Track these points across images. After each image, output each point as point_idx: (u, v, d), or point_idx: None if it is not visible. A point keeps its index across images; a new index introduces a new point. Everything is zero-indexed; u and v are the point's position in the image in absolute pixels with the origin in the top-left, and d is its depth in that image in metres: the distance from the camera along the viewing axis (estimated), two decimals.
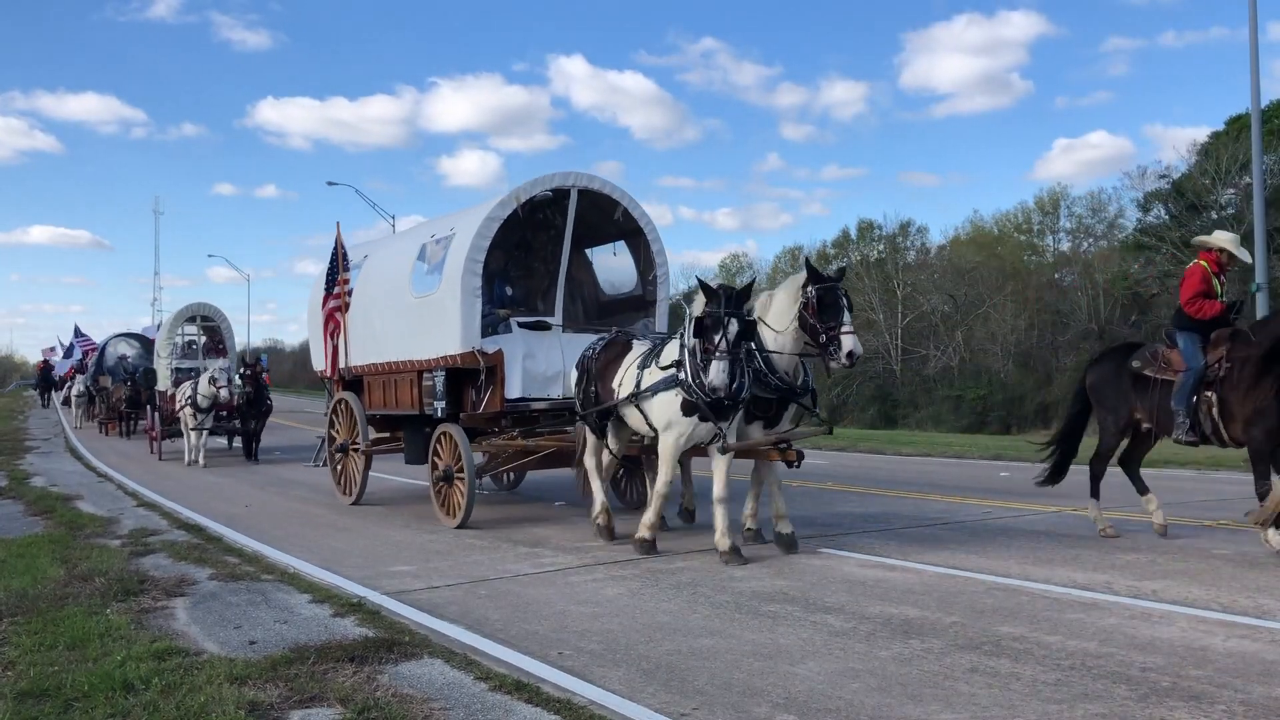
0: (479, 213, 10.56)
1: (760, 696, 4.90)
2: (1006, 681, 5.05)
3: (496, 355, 10.34)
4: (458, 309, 10.25)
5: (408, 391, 11.49)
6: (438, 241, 11.08)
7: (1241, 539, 8.96)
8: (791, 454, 8.86)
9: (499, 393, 10.34)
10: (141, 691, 5.03)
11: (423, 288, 11.12)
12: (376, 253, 13.36)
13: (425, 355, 10.93)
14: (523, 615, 6.66)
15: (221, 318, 24.79)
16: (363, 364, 12.52)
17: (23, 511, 12.39)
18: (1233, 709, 4.60)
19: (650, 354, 8.87)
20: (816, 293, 8.35)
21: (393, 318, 11.77)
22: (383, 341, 11.97)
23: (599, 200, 11.21)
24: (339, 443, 13.05)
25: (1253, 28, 18.34)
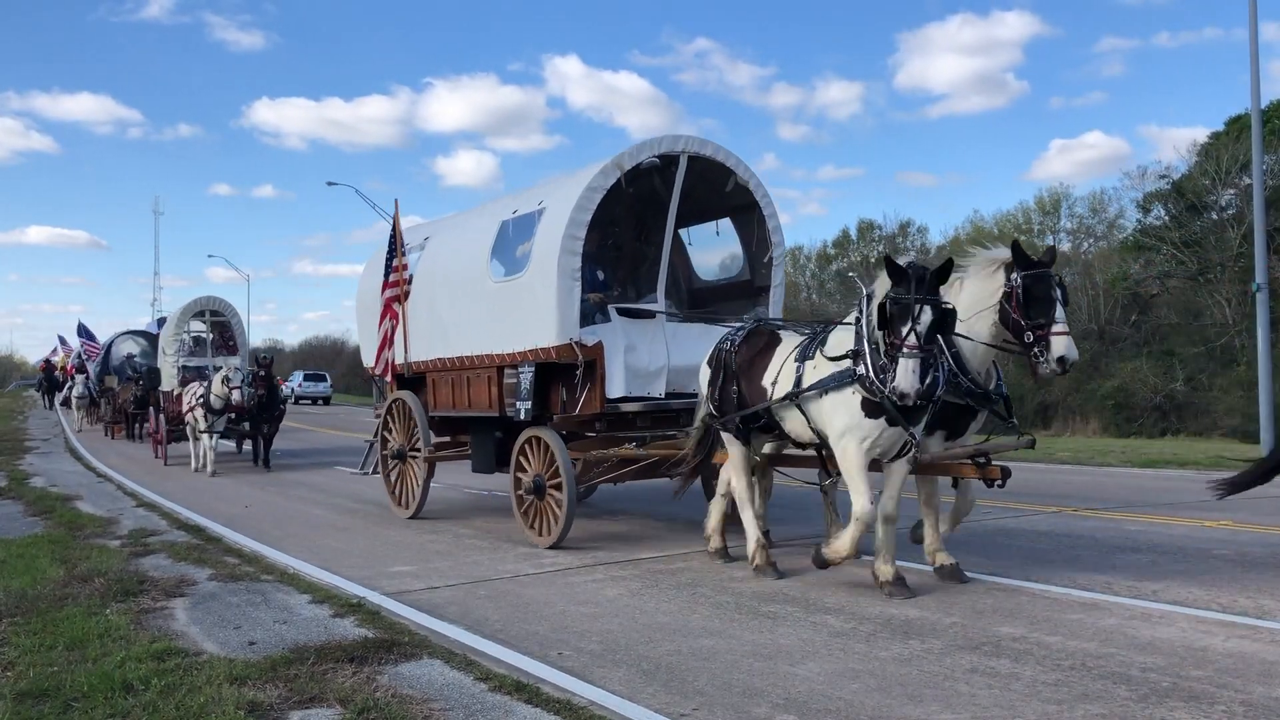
0: (574, 183, 9.24)
1: (760, 697, 4.90)
2: (1007, 682, 5.05)
3: (596, 348, 9.01)
4: (552, 295, 8.90)
5: (483, 390, 10.16)
6: (522, 218, 9.79)
7: (1242, 539, 8.96)
8: (996, 470, 7.12)
9: (598, 391, 9.01)
10: (141, 692, 5.03)
11: (505, 271, 9.82)
12: (441, 234, 11.70)
13: (509, 348, 9.61)
14: (523, 615, 6.66)
15: (232, 312, 22.85)
16: (426, 359, 11.16)
17: (22, 512, 12.39)
18: (1233, 709, 4.59)
19: (812, 344, 7.43)
20: (1023, 281, 6.86)
21: (466, 306, 10.40)
22: (452, 333, 10.65)
23: (709, 169, 9.85)
24: (394, 448, 11.77)
25: (1253, 28, 18.34)
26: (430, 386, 11.22)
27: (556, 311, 8.91)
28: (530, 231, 9.44)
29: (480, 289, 10.08)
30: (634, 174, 9.35)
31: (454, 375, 10.69)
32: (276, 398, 18.43)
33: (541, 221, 9.27)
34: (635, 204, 10.63)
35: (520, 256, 9.56)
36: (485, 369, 10.07)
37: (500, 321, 9.72)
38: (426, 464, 11.20)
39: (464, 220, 11.59)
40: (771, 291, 10.35)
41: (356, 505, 12.74)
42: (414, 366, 11.38)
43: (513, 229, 9.87)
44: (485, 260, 10.06)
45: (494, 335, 9.84)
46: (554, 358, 9.04)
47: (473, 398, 10.37)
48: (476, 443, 10.73)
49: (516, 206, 10.03)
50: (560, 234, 8.87)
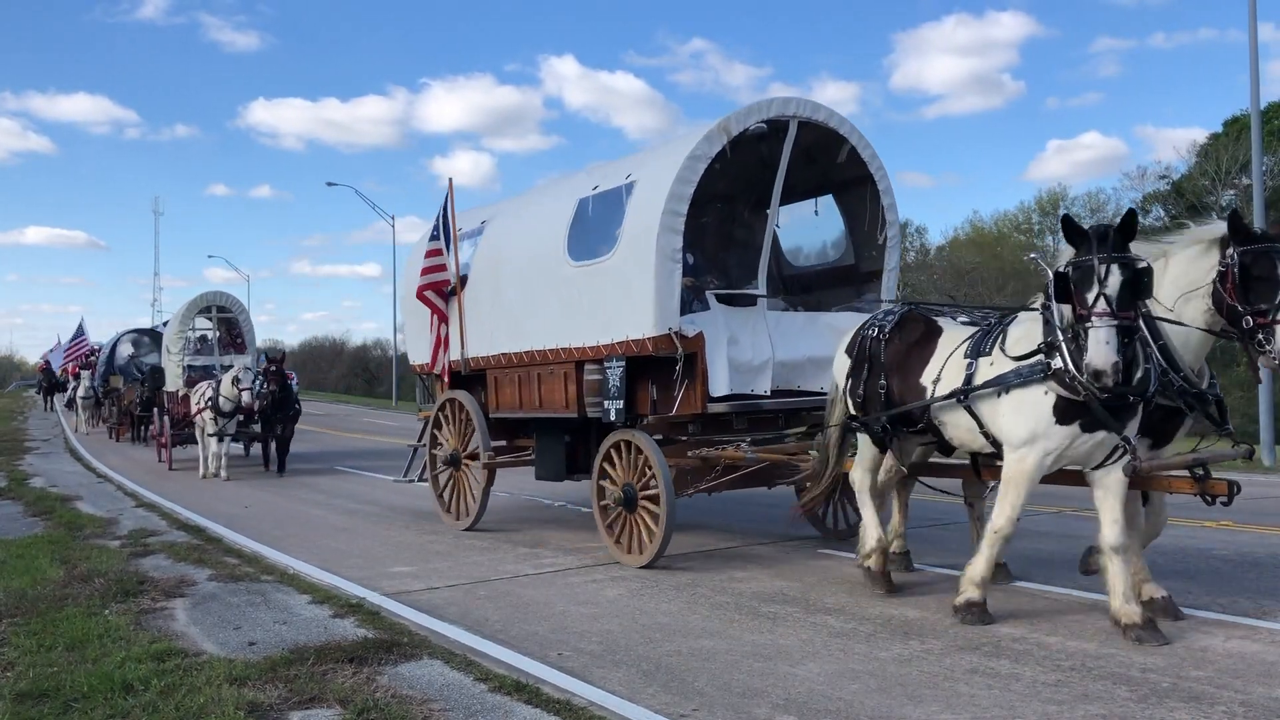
0: (673, 152, 8.29)
1: (760, 697, 4.90)
2: (1007, 682, 5.05)
3: (697, 339, 8.00)
4: (649, 279, 7.89)
5: (557, 388, 9.14)
6: (605, 194, 8.77)
7: (1241, 540, 8.96)
8: (1221, 485, 5.85)
9: (699, 389, 7.99)
10: (141, 692, 5.03)
11: (586, 254, 8.77)
12: (502, 217, 10.63)
13: (591, 340, 8.62)
14: (522, 616, 6.66)
15: (240, 308, 21.42)
16: (488, 355, 10.16)
17: (22, 512, 12.38)
18: (1233, 710, 4.59)
19: (987, 338, 6.38)
20: (1241, 259, 5.67)
21: (538, 295, 9.38)
22: (519, 325, 9.63)
23: (820, 137, 8.87)
24: (446, 453, 10.75)
25: (1252, 28, 18.36)
26: (491, 385, 10.21)
27: (654, 298, 7.90)
28: (618, 209, 8.43)
29: (555, 275, 9.06)
30: (736, 142, 8.33)
31: (521, 372, 9.66)
32: (290, 396, 17.23)
33: (633, 196, 8.29)
34: (728, 178, 9.53)
35: (606, 237, 8.53)
36: (560, 364, 9.05)
37: (580, 311, 8.74)
38: (486, 471, 10.07)
39: (529, 201, 10.53)
40: (885, 276, 9.30)
41: (356, 506, 12.74)
42: (472, 363, 10.43)
43: (593, 207, 8.85)
44: (561, 242, 9.02)
45: (572, 326, 8.84)
46: (649, 351, 8.05)
47: (544, 397, 9.35)
48: (543, 447, 9.75)
49: (596, 182, 8.99)
50: (659, 209, 7.87)
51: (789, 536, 9.56)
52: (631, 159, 9.11)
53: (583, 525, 10.61)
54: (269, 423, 17.09)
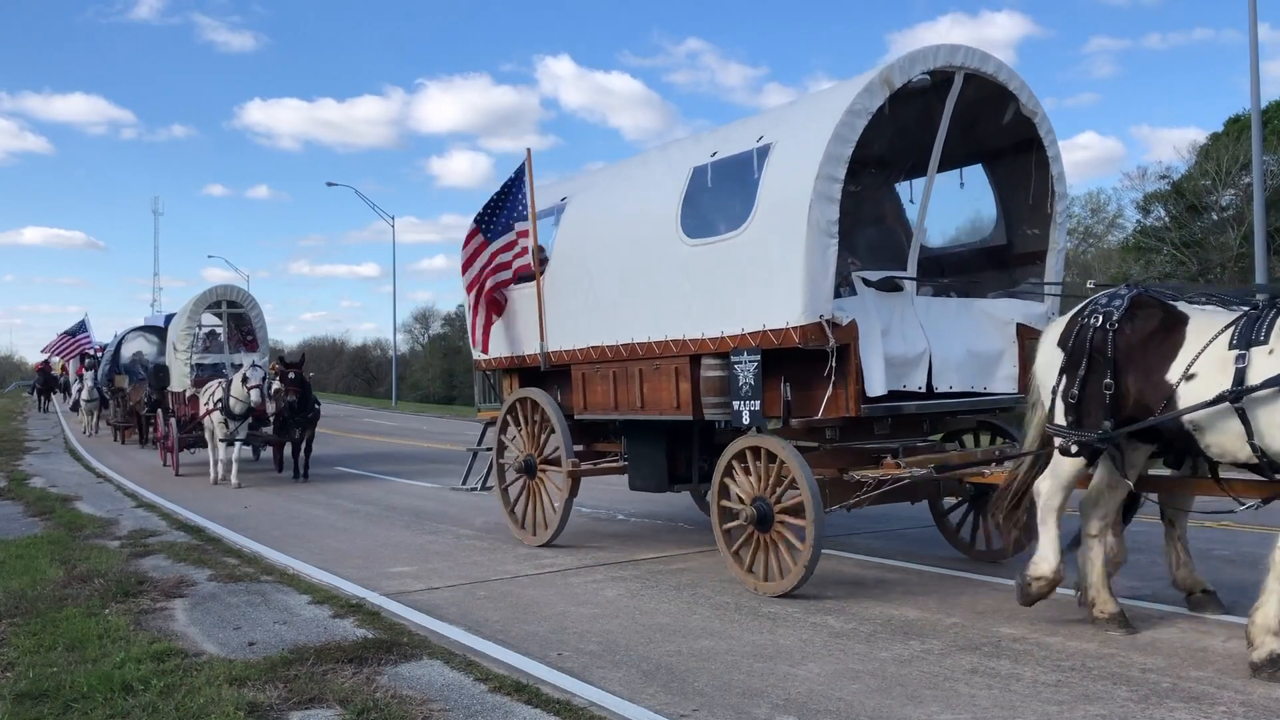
0: (824, 108, 7.14)
1: (760, 697, 4.90)
2: (1007, 682, 5.05)
3: (850, 329, 6.91)
4: (798, 257, 6.79)
5: (665, 386, 8.02)
6: (730, 160, 7.64)
7: (1241, 540, 8.95)
8: None
9: (852, 387, 6.91)
10: (141, 693, 5.03)
11: (706, 230, 7.67)
12: (588, 192, 9.47)
13: (713, 330, 7.50)
14: (522, 616, 6.66)
15: (251, 303, 19.72)
16: (573, 348, 9.02)
17: (22, 512, 12.39)
18: (1233, 710, 4.59)
19: (1257, 322, 5.33)
20: None
21: (639, 279, 8.27)
22: (614, 314, 8.50)
23: (985, 94, 7.61)
24: (520, 460, 9.63)
25: (1252, 28, 18.37)
26: (577, 383, 9.00)
27: (804, 279, 6.78)
28: (749, 176, 7.30)
29: (665, 256, 7.93)
30: (893, 98, 7.14)
31: (616, 368, 8.48)
32: (310, 400, 16.13)
33: (770, 161, 7.16)
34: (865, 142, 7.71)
35: (734, 209, 7.45)
36: (670, 359, 7.95)
37: (698, 296, 7.65)
38: (570, 480, 8.91)
39: (623, 173, 9.32)
40: (1049, 258, 7.98)
41: (356, 506, 12.74)
42: (554, 358, 9.27)
43: (714, 176, 7.74)
44: (672, 218, 7.86)
45: (687, 315, 7.73)
46: (794, 342, 6.89)
47: (646, 396, 8.21)
48: (638, 454, 8.79)
49: (713, 148, 7.87)
50: (811, 174, 6.74)
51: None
52: (754, 120, 7.98)
53: (583, 525, 10.61)
54: (286, 427, 16.09)
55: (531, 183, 9.56)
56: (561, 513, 9.06)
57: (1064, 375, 6.02)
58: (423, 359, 75.76)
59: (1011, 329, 7.72)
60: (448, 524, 10.96)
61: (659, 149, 9.25)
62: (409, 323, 78.91)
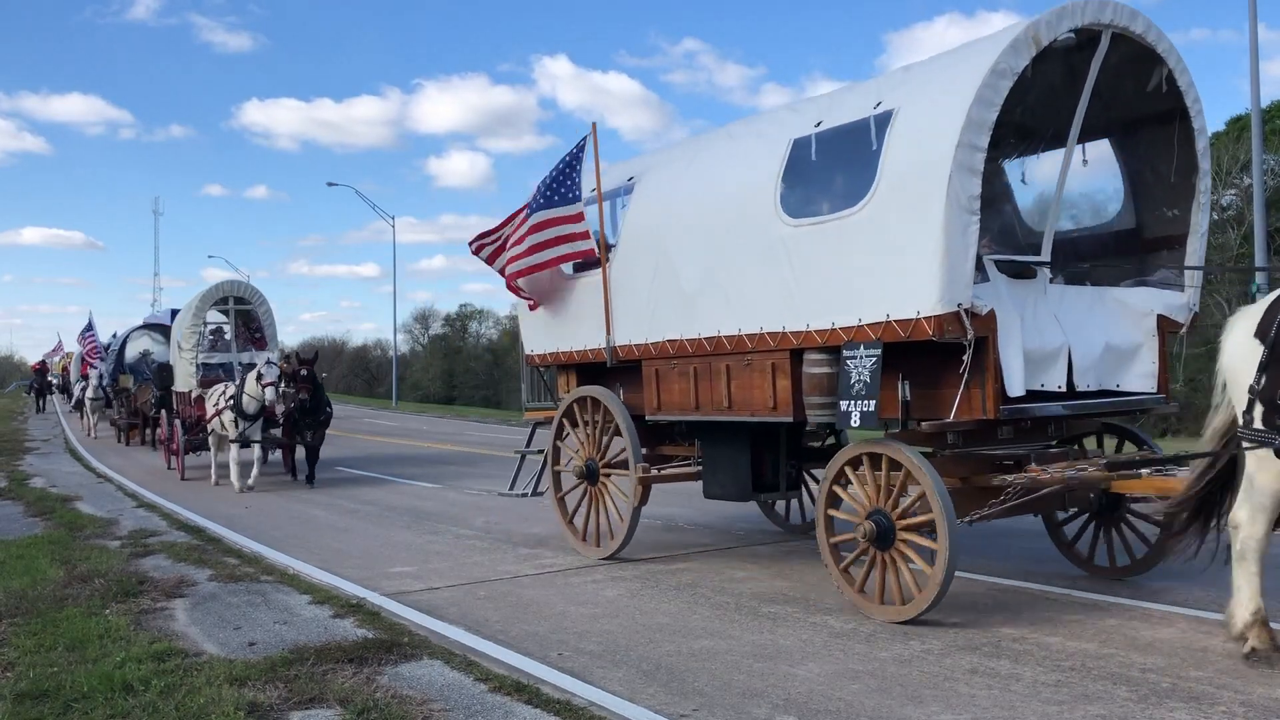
0: (961, 68, 6.31)
1: (760, 698, 4.90)
2: (1007, 683, 5.05)
3: (988, 320, 6.11)
4: (933, 237, 5.98)
5: (758, 384, 7.25)
6: (839, 131, 6.84)
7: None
8: None
9: (990, 386, 6.13)
10: (141, 692, 5.03)
11: (813, 208, 6.93)
12: (661, 170, 8.59)
13: (822, 321, 6.69)
14: (522, 616, 6.66)
15: (259, 299, 18.70)
16: (645, 341, 8.22)
17: (22, 512, 12.39)
18: (1233, 710, 4.59)
19: None
20: None
21: (727, 264, 7.47)
22: (696, 304, 7.71)
23: (1132, 57, 6.78)
24: (579, 464, 8.85)
25: (1252, 28, 18.39)
26: (650, 381, 8.21)
27: (941, 262, 5.95)
28: (865, 146, 6.51)
29: (760, 238, 7.13)
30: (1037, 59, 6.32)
31: (698, 364, 7.76)
32: (323, 401, 15.44)
33: (895, 128, 6.34)
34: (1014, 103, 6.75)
35: (848, 184, 6.75)
36: (766, 354, 7.17)
37: (802, 283, 6.85)
38: (641, 487, 8.20)
39: (701, 150, 8.39)
40: (1191, 242, 7.11)
41: (356, 506, 12.74)
42: (622, 353, 8.49)
43: (818, 148, 6.97)
44: (770, 196, 7.08)
45: (787, 304, 6.95)
46: (927, 334, 6.08)
47: (736, 395, 7.45)
48: (716, 458, 8.11)
49: (817, 117, 7.07)
50: (950, 142, 5.95)
51: (789, 537, 9.56)
52: (863, 86, 7.14)
53: None
54: (297, 429, 15.32)
55: (597, 160, 8.76)
56: (629, 523, 8.31)
57: (1265, 373, 5.22)
58: (423, 359, 75.77)
59: (1151, 321, 6.93)
60: (448, 524, 10.96)
61: (743, 122, 8.39)
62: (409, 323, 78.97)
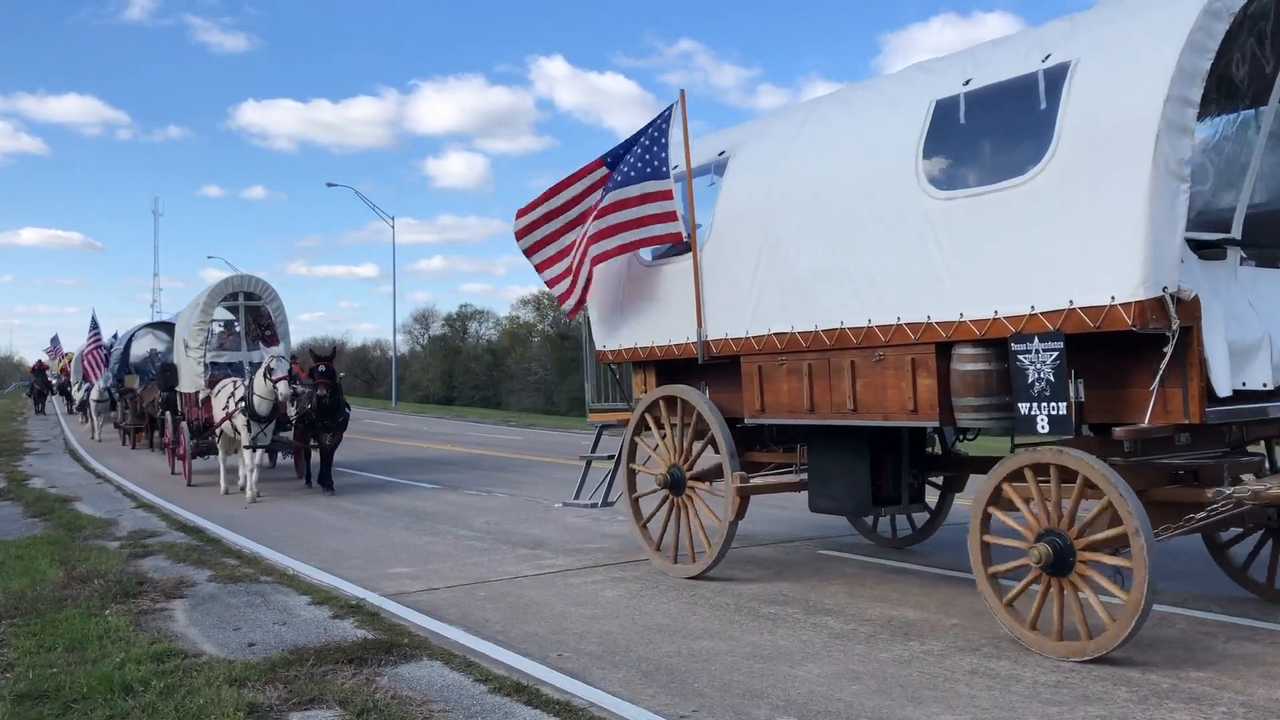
0: (1162, 10, 5.41)
1: (760, 698, 4.90)
2: (1007, 683, 5.05)
3: (1192, 306, 5.28)
4: (1135, 207, 5.15)
5: (892, 383, 6.35)
6: (996, 89, 5.97)
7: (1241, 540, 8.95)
8: None
9: (1194, 384, 5.30)
10: (140, 693, 5.03)
11: (967, 178, 6.07)
12: (759, 143, 7.64)
13: (980, 310, 5.82)
14: (522, 617, 6.66)
15: (270, 294, 17.42)
16: (747, 335, 7.36)
17: (21, 513, 12.38)
18: (1233, 710, 4.59)
19: None
20: None
21: (851, 245, 6.57)
22: (812, 292, 6.84)
23: None
24: (663, 472, 8.08)
25: None
26: (750, 379, 7.37)
27: (1144, 238, 5.13)
28: (1033, 105, 5.69)
29: (897, 214, 6.26)
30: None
31: (813, 360, 6.88)
32: (340, 400, 14.40)
33: (1076, 83, 5.46)
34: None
35: (1012, 149, 5.95)
36: (905, 348, 6.27)
37: (956, 265, 5.96)
38: (738, 499, 7.45)
39: (810, 118, 7.39)
40: None
41: (356, 506, 12.73)
42: (717, 347, 7.62)
43: (969, 109, 6.09)
44: (909, 165, 6.20)
45: (937, 289, 6.06)
46: (1125, 323, 5.22)
47: (863, 395, 6.56)
48: (830, 467, 7.30)
49: (965, 74, 6.19)
50: (1158, 95, 5.10)
51: (789, 538, 9.56)
52: (1021, 38, 6.23)
53: (582, 525, 10.61)
54: (313, 430, 14.43)
55: (686, 132, 7.75)
56: (724, 538, 7.52)
57: None
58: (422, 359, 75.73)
59: None
60: (448, 525, 10.96)
61: (856, 87, 7.44)
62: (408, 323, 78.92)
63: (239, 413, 13.48)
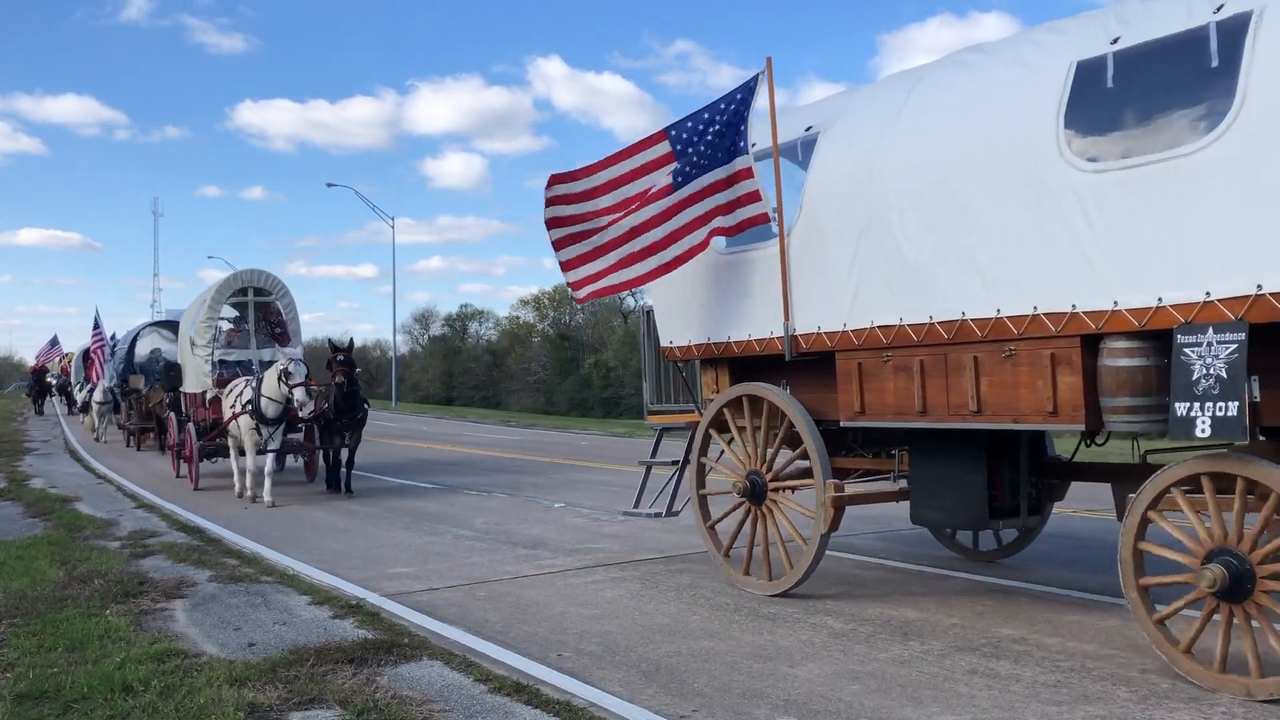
0: None
1: (760, 698, 4.90)
2: (1006, 683, 5.05)
3: None
4: None
5: (1026, 381, 5.65)
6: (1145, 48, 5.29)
7: None
8: None
9: None
10: (141, 693, 5.03)
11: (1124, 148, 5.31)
12: (851, 119, 6.92)
13: (1144, 296, 5.15)
14: (522, 617, 6.66)
15: (281, 290, 16.51)
16: (845, 328, 6.63)
17: (22, 513, 12.38)
18: (1232, 710, 4.60)
19: None
20: None
21: (978, 225, 5.84)
22: (928, 279, 6.11)
23: None
24: (741, 481, 7.38)
25: None
26: (847, 377, 6.66)
27: None
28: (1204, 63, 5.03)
29: (1039, 188, 5.54)
30: None
31: (927, 355, 6.19)
32: (359, 396, 13.63)
33: (1260, 36, 4.78)
34: None
35: (1177, 113, 5.24)
36: (1044, 340, 5.57)
37: (1109, 245, 5.28)
38: (833, 510, 6.73)
39: (917, 87, 6.59)
40: None
41: (356, 507, 12.74)
42: (804, 342, 6.91)
43: (1118, 70, 5.40)
44: (1050, 133, 5.50)
45: (1085, 273, 5.39)
46: None
47: (988, 395, 5.85)
48: (939, 476, 6.64)
49: (1110, 32, 5.50)
50: None
51: (787, 538, 9.55)
52: None
53: (582, 525, 10.62)
54: (331, 429, 13.70)
55: (773, 105, 7.04)
56: (814, 552, 6.85)
57: None
58: (422, 360, 75.81)
59: None
60: (447, 525, 10.96)
61: (972, 49, 6.67)
62: (408, 324, 79.03)
63: (245, 415, 13.02)
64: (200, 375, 15.67)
